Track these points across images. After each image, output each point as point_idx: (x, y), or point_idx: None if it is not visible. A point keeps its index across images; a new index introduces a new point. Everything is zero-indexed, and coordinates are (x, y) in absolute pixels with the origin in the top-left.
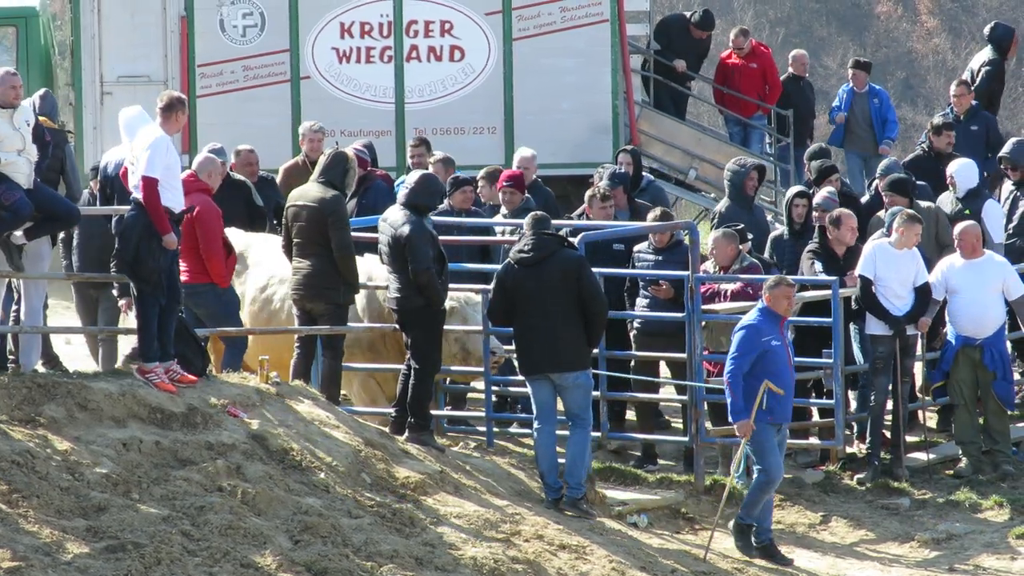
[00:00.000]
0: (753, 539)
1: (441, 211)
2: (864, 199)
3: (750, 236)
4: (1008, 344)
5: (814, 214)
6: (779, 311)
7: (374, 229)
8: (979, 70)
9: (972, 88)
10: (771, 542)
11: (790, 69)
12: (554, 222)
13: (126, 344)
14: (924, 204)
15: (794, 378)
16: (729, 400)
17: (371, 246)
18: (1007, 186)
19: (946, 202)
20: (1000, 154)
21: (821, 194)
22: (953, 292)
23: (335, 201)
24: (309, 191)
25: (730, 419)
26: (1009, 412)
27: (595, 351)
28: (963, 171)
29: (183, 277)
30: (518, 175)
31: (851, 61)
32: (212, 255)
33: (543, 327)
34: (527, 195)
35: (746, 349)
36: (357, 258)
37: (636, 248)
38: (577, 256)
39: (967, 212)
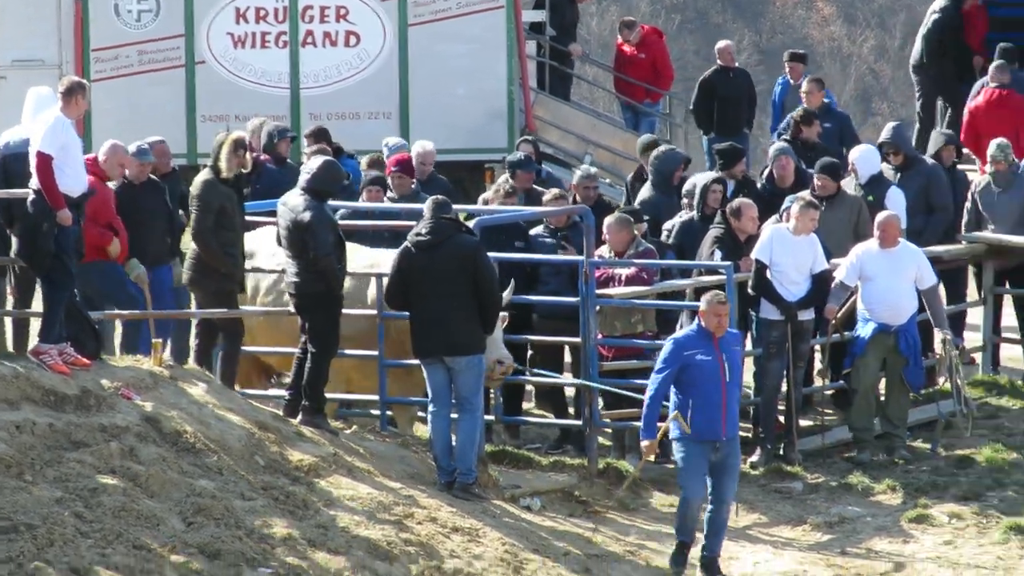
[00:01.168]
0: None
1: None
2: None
3: (646, 218)
4: None
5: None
6: (710, 328)
7: (270, 214)
8: (928, 17)
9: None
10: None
11: (717, 61)
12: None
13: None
14: (851, 193)
15: (735, 392)
16: (643, 415)
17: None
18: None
19: (847, 189)
20: (881, 140)
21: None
22: (868, 279)
23: (197, 184)
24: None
25: (640, 435)
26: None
27: None
28: (864, 157)
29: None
30: (406, 159)
31: (787, 54)
32: (101, 234)
33: (437, 310)
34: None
35: (667, 363)
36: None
37: (533, 232)
38: (473, 242)
39: (871, 198)
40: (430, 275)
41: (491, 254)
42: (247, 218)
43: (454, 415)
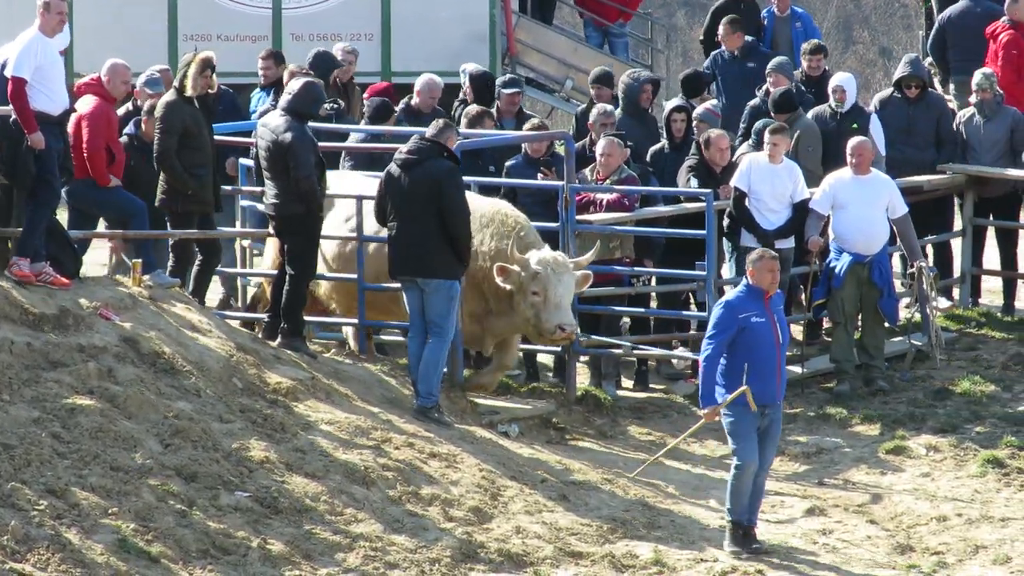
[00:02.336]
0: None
1: None
2: None
3: (628, 144)
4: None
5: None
6: (763, 286)
7: (239, 134)
8: None
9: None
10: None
11: None
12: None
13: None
14: (809, 119)
15: (784, 353)
16: (700, 381)
17: (239, 151)
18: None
19: (825, 116)
20: (898, 76)
21: (703, 107)
22: (841, 208)
23: (160, 106)
24: None
25: (699, 403)
26: (889, 327)
27: None
28: (849, 84)
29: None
30: (385, 87)
31: None
32: (94, 154)
33: (409, 231)
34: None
35: (721, 328)
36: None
37: (511, 161)
38: (446, 167)
39: (855, 126)
40: (405, 195)
41: (468, 178)
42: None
43: None
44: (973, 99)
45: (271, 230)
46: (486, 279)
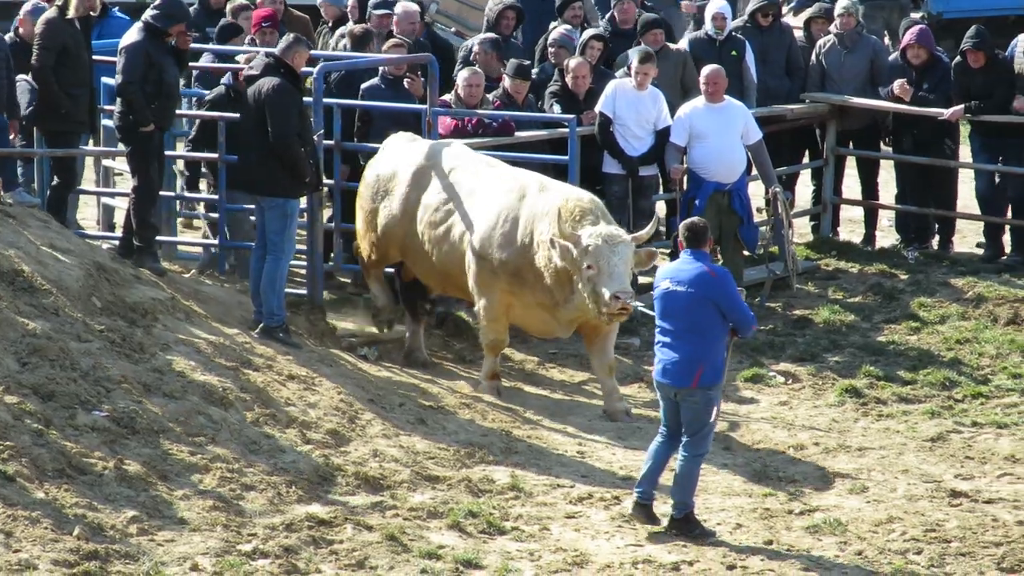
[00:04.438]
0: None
1: None
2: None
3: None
4: None
5: (550, 50)
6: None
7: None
8: None
9: None
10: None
11: None
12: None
13: None
14: (673, 47)
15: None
16: (753, 320)
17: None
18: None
19: (704, 43)
20: (755, 6)
21: (558, 31)
22: (700, 137)
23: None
24: None
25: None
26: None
27: (330, 182)
28: (728, 11)
29: None
30: (270, 13)
31: None
32: None
33: (242, 147)
34: None
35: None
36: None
37: (367, 84)
38: (272, 84)
39: (734, 53)
40: (243, 111)
41: (329, 100)
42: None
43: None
44: (835, 27)
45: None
46: (546, 269)
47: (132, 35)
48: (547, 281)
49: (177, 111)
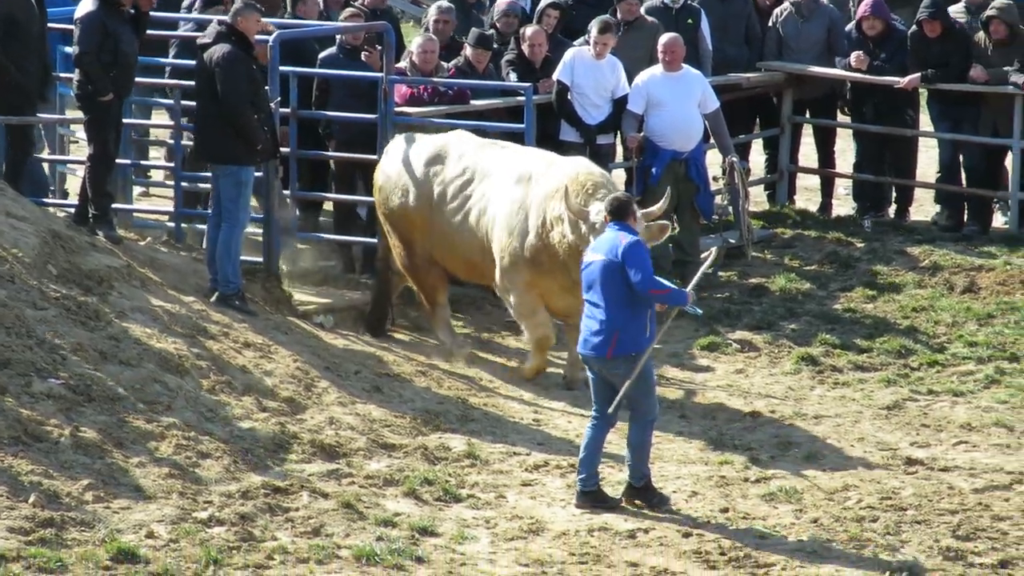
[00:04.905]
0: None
1: None
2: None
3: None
4: None
5: (497, 21)
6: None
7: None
8: None
9: None
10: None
11: None
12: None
13: None
14: (649, 18)
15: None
16: (671, 295)
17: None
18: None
19: (659, 11)
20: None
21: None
22: (657, 106)
23: None
24: None
25: (679, 303)
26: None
27: (286, 149)
28: None
29: None
30: None
31: None
32: None
33: (199, 115)
34: None
35: (648, 260)
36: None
37: (325, 53)
38: (222, 51)
39: (690, 21)
40: (196, 78)
41: (286, 68)
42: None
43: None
44: None
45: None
46: (559, 245)
47: (87, 5)
48: (562, 258)
49: (155, 80)
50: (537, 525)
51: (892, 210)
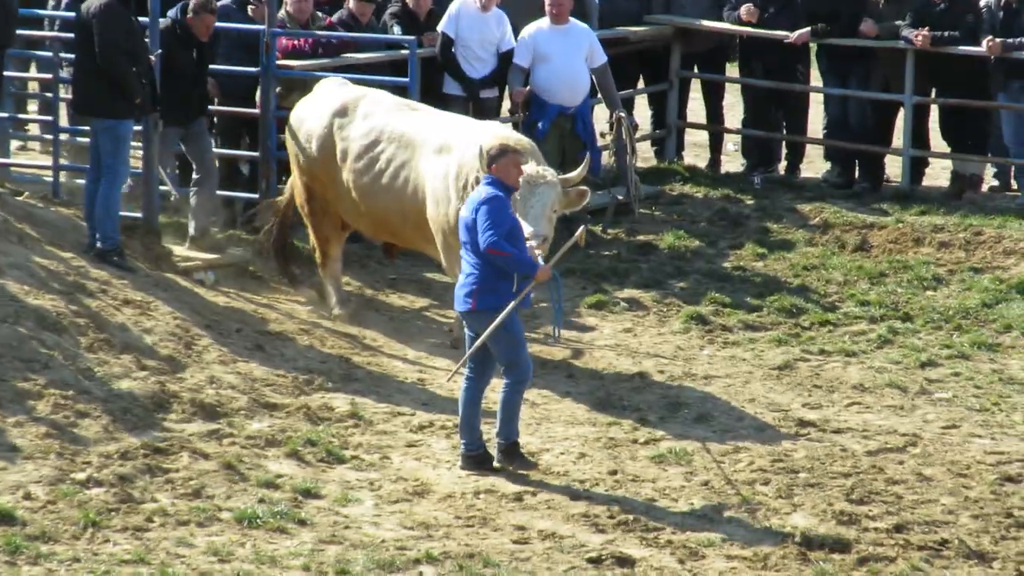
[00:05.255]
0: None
1: None
2: None
3: None
4: None
5: None
6: (509, 182)
7: None
8: None
9: None
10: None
11: None
12: None
13: None
14: None
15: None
16: (511, 259)
17: None
18: None
19: None
20: None
21: None
22: (544, 59)
23: None
24: None
25: (522, 271)
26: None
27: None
28: None
29: None
30: None
31: None
32: None
33: (77, 69)
34: None
35: (499, 220)
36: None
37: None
38: (102, 3)
39: None
40: (75, 30)
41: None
42: None
43: None
44: None
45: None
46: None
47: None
48: None
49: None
50: (422, 487)
51: (782, 166)
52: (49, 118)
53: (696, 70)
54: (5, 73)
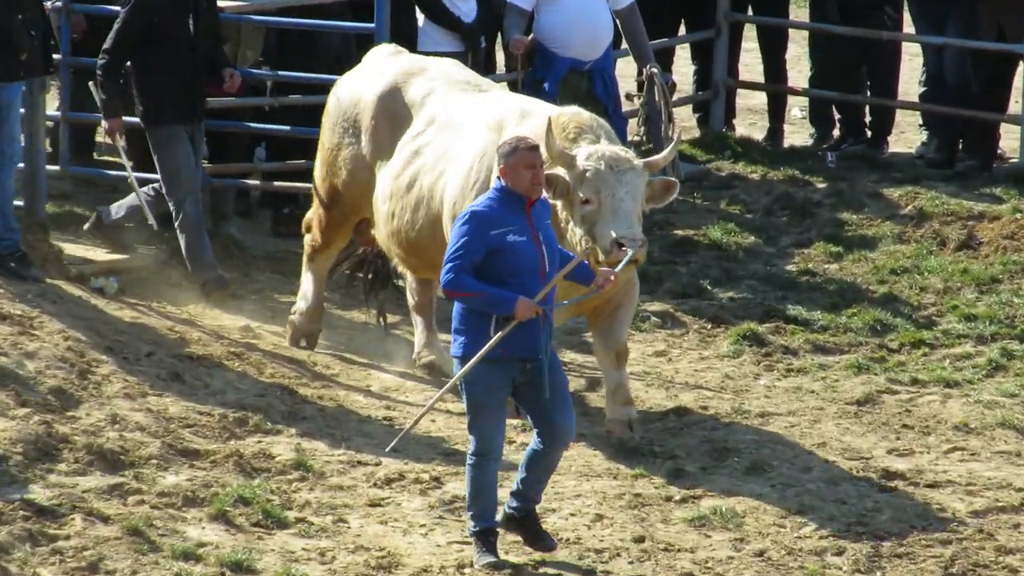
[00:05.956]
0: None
1: None
2: None
3: None
4: None
5: None
6: (521, 190)
7: None
8: None
9: None
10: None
11: None
12: None
13: None
14: None
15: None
16: (478, 300)
17: None
18: None
19: None
20: None
21: None
22: (551, 1)
23: None
24: None
25: (507, 312)
26: None
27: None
28: None
29: None
30: None
31: None
32: None
33: None
34: None
35: (467, 247)
36: None
37: None
38: None
39: None
40: None
41: None
42: None
43: None
44: None
45: None
46: None
47: None
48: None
49: None
50: (389, 559)
51: (864, 139)
52: None
53: (751, 12)
54: None
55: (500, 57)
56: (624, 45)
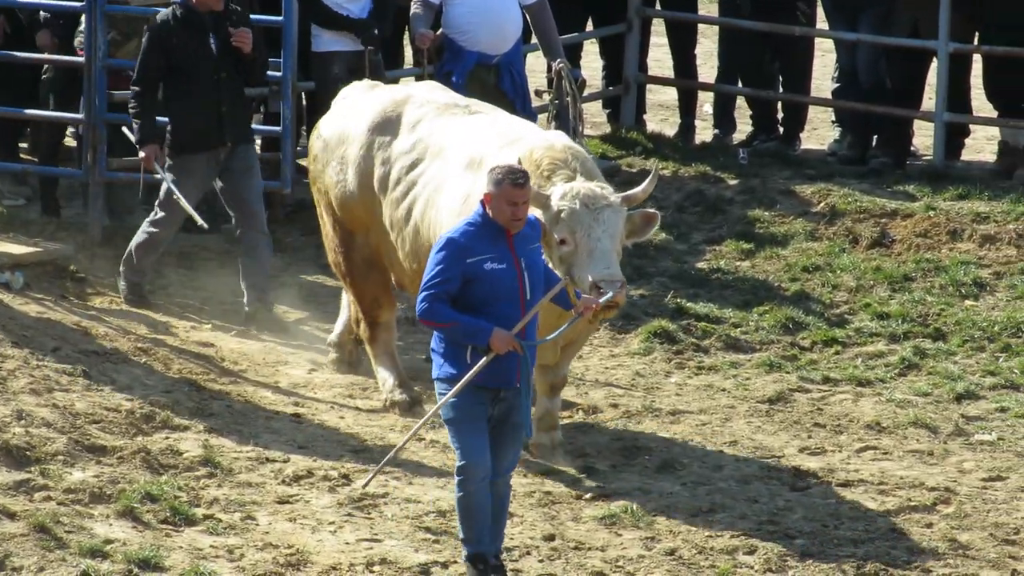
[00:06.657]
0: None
1: None
2: None
3: None
4: None
5: None
6: (501, 221)
7: None
8: None
9: None
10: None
11: None
12: None
13: None
14: None
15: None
16: (453, 330)
17: None
18: None
19: None
20: None
21: None
22: None
23: None
24: None
25: (480, 344)
26: None
27: None
28: None
29: None
30: None
31: None
32: None
33: None
34: None
35: (441, 275)
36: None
37: None
38: None
39: None
40: None
41: None
42: None
43: None
44: None
45: None
46: None
47: None
48: None
49: None
50: (297, 557)
51: (776, 136)
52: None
53: (660, 7)
54: None
55: (408, 52)
56: (535, 40)
